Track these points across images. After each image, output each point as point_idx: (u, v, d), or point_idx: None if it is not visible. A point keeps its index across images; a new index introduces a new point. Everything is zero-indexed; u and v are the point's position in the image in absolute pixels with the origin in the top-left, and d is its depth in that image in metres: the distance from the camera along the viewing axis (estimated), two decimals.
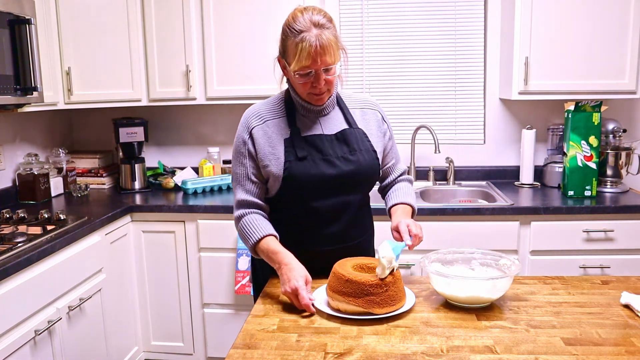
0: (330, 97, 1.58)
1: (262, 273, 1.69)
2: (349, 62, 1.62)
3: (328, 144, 1.56)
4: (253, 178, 1.58)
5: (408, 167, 3.11)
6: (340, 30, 3.11)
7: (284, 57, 1.52)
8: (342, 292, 1.34)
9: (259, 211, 1.59)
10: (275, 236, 1.54)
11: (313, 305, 1.37)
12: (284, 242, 1.55)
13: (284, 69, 1.56)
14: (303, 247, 1.56)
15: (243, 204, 1.59)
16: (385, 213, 1.69)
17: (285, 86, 1.64)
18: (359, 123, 1.63)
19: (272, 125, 1.57)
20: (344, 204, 1.58)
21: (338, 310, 1.36)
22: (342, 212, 1.58)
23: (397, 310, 1.34)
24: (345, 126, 1.60)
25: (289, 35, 1.46)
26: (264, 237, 1.52)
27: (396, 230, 1.52)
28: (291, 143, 1.54)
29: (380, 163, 1.66)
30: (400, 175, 1.74)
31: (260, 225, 1.55)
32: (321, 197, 1.55)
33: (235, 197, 1.61)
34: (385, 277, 1.33)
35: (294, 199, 1.56)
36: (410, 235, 1.47)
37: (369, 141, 1.61)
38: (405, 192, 1.68)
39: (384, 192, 1.76)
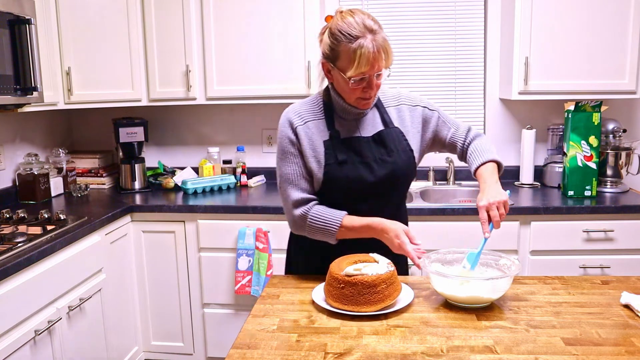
0: (374, 100, 1.59)
1: (296, 254, 1.71)
2: None
3: (366, 146, 1.56)
4: (306, 176, 1.58)
5: None
6: None
7: (333, 62, 1.50)
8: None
9: (318, 202, 1.60)
10: (346, 213, 1.55)
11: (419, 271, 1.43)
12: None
13: (327, 72, 1.55)
14: (336, 245, 1.58)
15: (301, 202, 1.57)
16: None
17: (322, 87, 1.64)
18: (395, 121, 1.62)
19: (312, 127, 1.58)
20: (381, 207, 1.59)
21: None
22: (378, 213, 1.58)
23: (345, 310, 1.34)
24: (381, 127, 1.60)
25: (342, 40, 1.44)
26: (343, 219, 1.53)
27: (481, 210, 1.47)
28: (331, 146, 1.55)
29: (421, 155, 1.66)
30: (467, 133, 1.69)
31: (331, 211, 1.55)
32: (359, 200, 1.57)
33: (289, 198, 1.58)
34: (352, 276, 1.35)
35: (331, 199, 1.58)
36: (491, 221, 1.44)
37: (406, 140, 1.61)
38: (481, 150, 1.63)
39: (464, 157, 1.70)
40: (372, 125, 1.60)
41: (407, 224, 1.76)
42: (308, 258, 1.67)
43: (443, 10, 3.07)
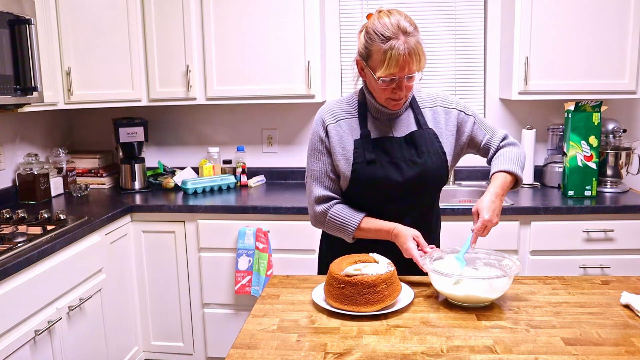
0: (406, 102, 1.59)
1: (331, 251, 1.71)
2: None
3: (397, 147, 1.57)
4: (331, 175, 1.61)
5: None
6: (341, 29, 3.11)
7: (366, 60, 1.51)
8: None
9: (340, 200, 1.62)
10: (366, 215, 1.58)
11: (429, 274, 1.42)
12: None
13: (361, 70, 1.56)
14: (365, 242, 1.59)
15: (323, 200, 1.61)
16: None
17: (357, 87, 1.65)
18: (429, 123, 1.62)
19: (344, 125, 1.59)
20: (409, 207, 1.60)
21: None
22: (405, 215, 1.59)
23: (345, 310, 1.34)
24: (414, 128, 1.60)
25: (375, 40, 1.45)
26: (360, 221, 1.57)
27: (477, 215, 1.50)
28: (361, 145, 1.56)
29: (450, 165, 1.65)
30: (501, 141, 1.67)
31: (351, 211, 1.59)
32: (387, 201, 1.58)
33: (312, 194, 1.62)
34: (352, 276, 1.35)
35: (359, 198, 1.59)
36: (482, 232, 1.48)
37: (439, 142, 1.60)
38: (505, 158, 1.60)
39: (490, 162, 1.69)
40: (405, 125, 1.60)
41: (439, 227, 1.77)
42: (341, 251, 1.64)
43: (443, 10, 3.07)
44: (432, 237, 1.70)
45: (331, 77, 3.13)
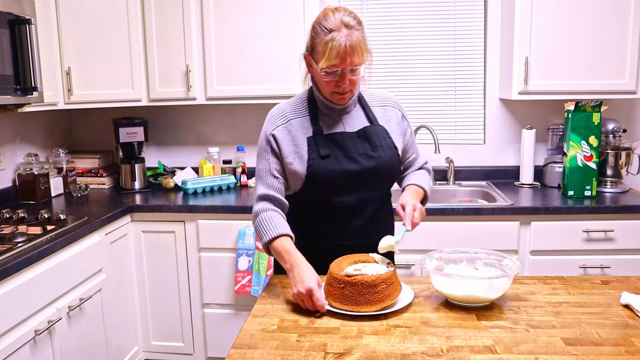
0: (352, 97, 1.61)
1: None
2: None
3: (350, 141, 1.59)
4: (275, 173, 1.61)
5: None
6: None
7: (311, 54, 1.55)
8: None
9: (278, 209, 1.58)
10: (290, 237, 1.53)
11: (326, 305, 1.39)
12: (305, 236, 1.59)
13: (309, 66, 1.59)
14: (324, 242, 1.60)
15: (263, 198, 1.59)
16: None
17: (308, 84, 1.67)
18: (380, 120, 1.66)
19: (296, 124, 1.61)
20: (366, 200, 1.61)
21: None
22: (363, 208, 1.61)
23: (345, 310, 1.34)
24: (366, 123, 1.63)
25: (319, 33, 1.49)
26: (279, 236, 1.51)
27: (402, 208, 1.53)
28: (314, 141, 1.57)
29: (401, 159, 1.70)
30: (422, 165, 1.80)
31: (277, 223, 1.53)
32: (343, 193, 1.58)
33: (256, 192, 1.62)
34: (352, 276, 1.35)
35: (316, 195, 1.59)
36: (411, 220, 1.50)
37: (390, 138, 1.64)
38: (420, 178, 1.72)
39: (401, 179, 1.78)
40: (357, 121, 1.63)
41: (392, 225, 1.76)
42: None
43: (443, 10, 3.07)
44: (385, 234, 1.69)
45: None
